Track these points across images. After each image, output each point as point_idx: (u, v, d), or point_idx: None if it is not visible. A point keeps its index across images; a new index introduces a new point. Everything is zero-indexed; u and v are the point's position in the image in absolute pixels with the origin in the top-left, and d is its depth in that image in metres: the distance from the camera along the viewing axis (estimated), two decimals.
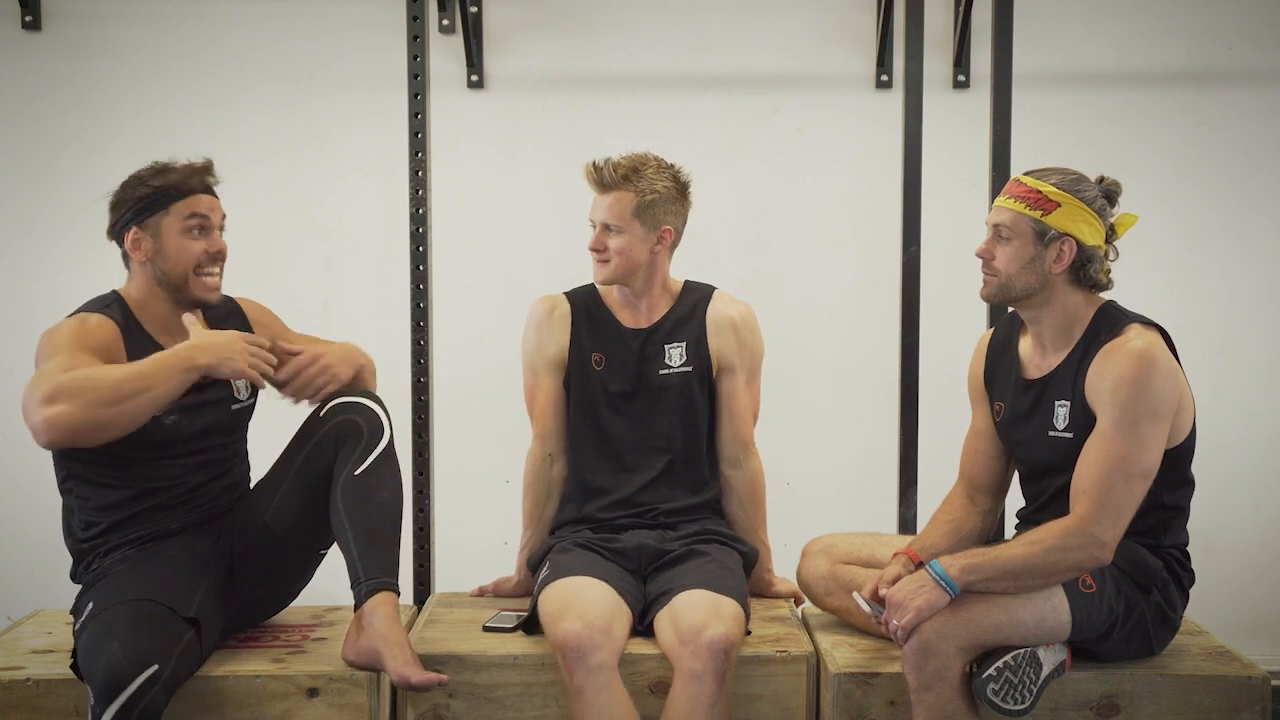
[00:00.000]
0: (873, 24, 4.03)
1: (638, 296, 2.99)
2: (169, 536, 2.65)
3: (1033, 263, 2.57)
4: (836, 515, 3.46)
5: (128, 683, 2.26)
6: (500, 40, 4.06)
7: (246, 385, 2.72)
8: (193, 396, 2.57)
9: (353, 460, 2.60)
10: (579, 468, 3.00)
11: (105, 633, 2.36)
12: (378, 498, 2.59)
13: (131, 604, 2.43)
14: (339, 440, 2.62)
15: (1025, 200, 2.57)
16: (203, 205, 2.65)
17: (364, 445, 2.61)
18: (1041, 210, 2.55)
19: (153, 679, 2.29)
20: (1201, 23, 4.03)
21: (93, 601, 2.49)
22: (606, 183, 2.91)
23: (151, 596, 2.45)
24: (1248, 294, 4.08)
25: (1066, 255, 2.56)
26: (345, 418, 2.64)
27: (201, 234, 2.64)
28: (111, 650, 2.30)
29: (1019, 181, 2.61)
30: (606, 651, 2.53)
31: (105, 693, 2.27)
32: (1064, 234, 2.56)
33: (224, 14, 4.04)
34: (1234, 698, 2.57)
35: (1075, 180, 2.59)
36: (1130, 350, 2.49)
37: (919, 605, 2.43)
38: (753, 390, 3.03)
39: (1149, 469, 2.47)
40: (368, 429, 2.62)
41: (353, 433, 2.62)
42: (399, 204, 3.43)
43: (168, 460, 2.65)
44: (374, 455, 2.61)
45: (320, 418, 2.68)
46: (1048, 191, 2.56)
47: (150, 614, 2.41)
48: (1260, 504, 4.11)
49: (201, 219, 2.64)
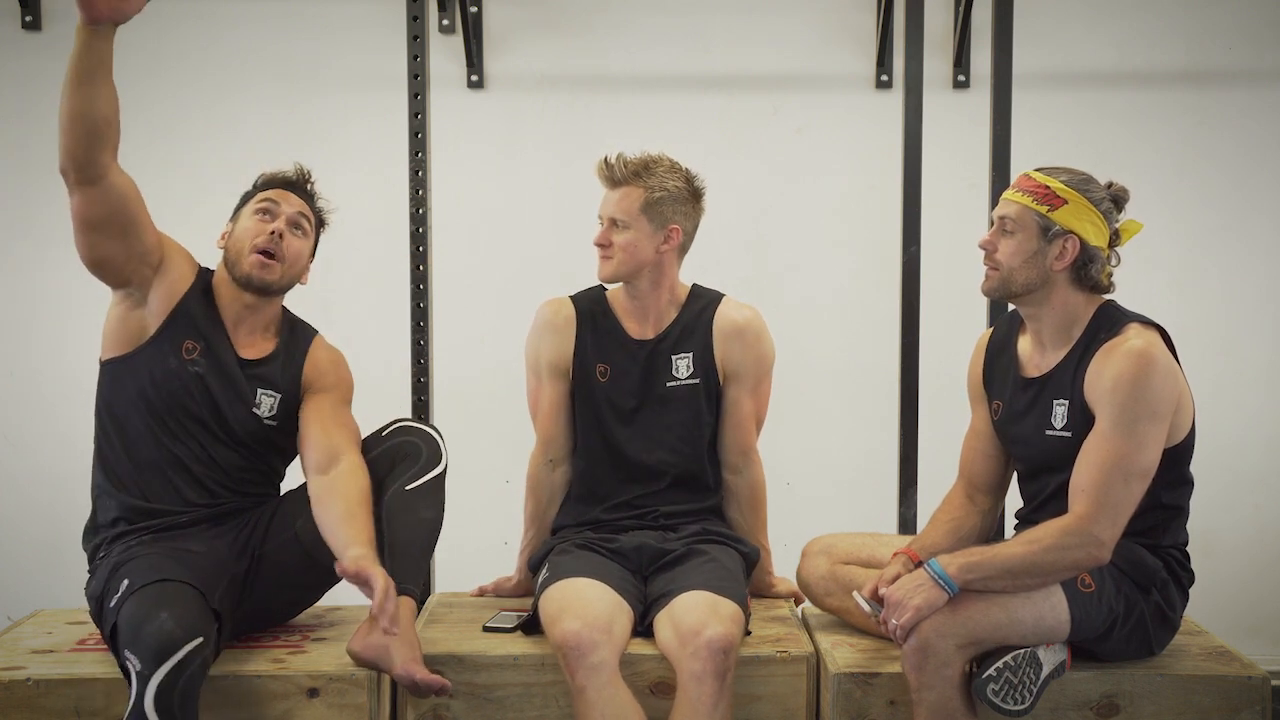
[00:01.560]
0: (873, 24, 4.03)
1: (644, 302, 2.97)
2: (185, 529, 2.66)
3: (1035, 257, 2.57)
4: (836, 515, 3.46)
5: (178, 647, 2.29)
6: (500, 40, 4.06)
7: (271, 405, 2.77)
8: (226, 355, 2.71)
9: (407, 476, 2.70)
10: (583, 474, 3.00)
11: (154, 602, 2.38)
12: (421, 515, 2.69)
13: (175, 583, 2.45)
14: (396, 459, 2.73)
15: (1033, 194, 2.57)
16: (278, 195, 2.79)
17: (421, 465, 2.72)
18: (1048, 205, 2.55)
19: (199, 649, 2.31)
20: (1201, 23, 4.03)
21: (128, 579, 2.50)
22: (617, 178, 2.91)
23: (188, 580, 2.48)
24: (1248, 294, 4.09)
25: (1069, 253, 2.56)
26: (408, 439, 2.76)
27: (268, 216, 2.76)
28: (162, 618, 2.32)
29: (1028, 176, 2.61)
30: (607, 650, 2.53)
31: (156, 656, 2.28)
32: (1068, 231, 2.56)
33: (224, 14, 4.04)
34: (1234, 698, 2.57)
35: (1084, 180, 2.59)
36: (1129, 349, 2.49)
37: (918, 604, 2.43)
38: (760, 394, 3.02)
39: (1148, 468, 2.47)
40: (427, 451, 2.74)
41: (412, 452, 2.73)
42: (399, 204, 3.43)
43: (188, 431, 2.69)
44: (429, 476, 2.72)
45: (381, 436, 2.78)
46: (1056, 187, 2.56)
47: (192, 595, 2.44)
48: (1260, 504, 4.11)
49: (270, 202, 2.77)
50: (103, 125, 2.48)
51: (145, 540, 2.64)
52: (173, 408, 2.68)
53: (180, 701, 2.28)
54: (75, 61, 2.44)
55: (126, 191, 2.58)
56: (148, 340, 2.69)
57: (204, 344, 2.71)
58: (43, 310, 4.07)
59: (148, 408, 2.67)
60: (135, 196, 2.61)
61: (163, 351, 2.68)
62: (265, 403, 2.76)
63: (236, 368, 2.74)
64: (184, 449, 2.69)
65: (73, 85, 2.44)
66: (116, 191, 2.56)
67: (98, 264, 2.63)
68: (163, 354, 2.68)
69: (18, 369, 4.08)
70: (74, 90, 2.45)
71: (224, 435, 2.73)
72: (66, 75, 2.45)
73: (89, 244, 2.59)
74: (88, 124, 2.46)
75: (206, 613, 2.43)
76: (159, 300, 2.69)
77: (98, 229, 2.57)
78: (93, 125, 2.47)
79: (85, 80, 2.44)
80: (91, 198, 2.53)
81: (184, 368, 2.69)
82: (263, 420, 2.76)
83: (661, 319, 2.99)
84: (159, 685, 2.27)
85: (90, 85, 2.44)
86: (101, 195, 2.54)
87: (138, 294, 2.69)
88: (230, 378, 2.73)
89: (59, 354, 3.99)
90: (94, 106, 2.46)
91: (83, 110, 2.45)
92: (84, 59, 2.43)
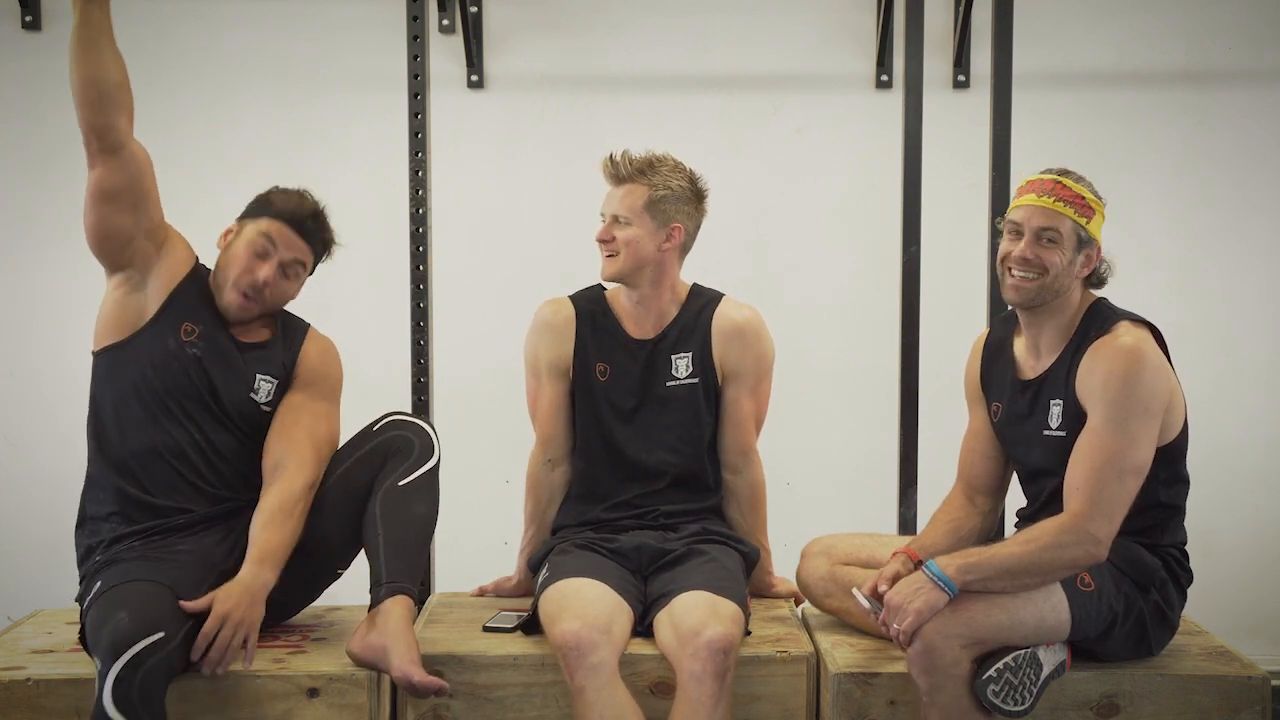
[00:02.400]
0: (873, 24, 4.03)
1: (644, 301, 2.97)
2: (178, 532, 2.66)
3: (1070, 267, 2.58)
4: (836, 515, 3.46)
5: (133, 643, 2.30)
6: (500, 40, 4.06)
7: (268, 391, 2.77)
8: (222, 339, 2.70)
9: (400, 471, 2.68)
10: (583, 474, 3.00)
11: (114, 604, 2.41)
12: (416, 510, 2.67)
13: (142, 583, 2.47)
14: (389, 453, 2.71)
15: (1073, 205, 2.56)
16: (278, 234, 2.73)
17: (414, 460, 2.70)
18: (1086, 217, 2.56)
19: (158, 644, 2.32)
20: (1201, 23, 4.03)
21: (101, 580, 2.53)
22: (621, 175, 2.91)
23: (160, 580, 2.49)
24: (1247, 294, 4.08)
25: (1092, 261, 2.58)
26: (399, 434, 2.73)
27: (261, 258, 2.72)
28: (119, 617, 2.35)
29: (1062, 185, 2.58)
30: (606, 650, 2.53)
31: (112, 651, 2.30)
32: (1094, 240, 2.57)
33: (224, 14, 4.04)
34: (1234, 698, 2.57)
35: (1092, 185, 2.60)
36: (1119, 347, 2.49)
37: (918, 607, 2.42)
38: (760, 394, 3.02)
39: (1141, 465, 2.47)
40: (419, 445, 2.72)
41: (404, 447, 2.71)
42: (399, 204, 3.43)
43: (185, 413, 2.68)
44: (421, 470, 2.70)
45: (372, 431, 2.76)
46: (1090, 199, 2.57)
47: (159, 594, 2.45)
48: (1260, 504, 4.11)
49: (268, 241, 2.72)
50: (114, 89, 2.54)
51: (135, 545, 2.63)
52: (171, 389, 2.67)
53: (141, 697, 2.29)
54: (77, 31, 2.51)
55: (143, 163, 2.64)
56: (146, 324, 2.69)
57: (202, 326, 2.71)
58: (43, 310, 4.06)
59: (147, 391, 2.67)
60: (150, 170, 2.66)
61: (161, 333, 2.68)
62: (263, 388, 2.76)
63: (235, 351, 2.74)
64: (183, 433, 2.68)
65: (79, 53, 2.52)
66: (136, 161, 2.61)
67: (107, 236, 2.64)
68: (161, 336, 2.68)
69: (18, 369, 4.08)
70: (81, 58, 2.52)
71: (222, 417, 2.72)
72: (71, 48, 2.53)
73: (102, 216, 2.62)
74: (100, 87, 2.53)
75: (174, 611, 2.43)
76: (158, 281, 2.70)
77: (114, 199, 2.60)
78: (105, 89, 2.53)
79: (90, 46, 2.51)
80: (112, 167, 2.58)
81: (183, 349, 2.69)
82: (260, 405, 2.75)
83: (661, 319, 2.99)
84: (115, 680, 2.29)
85: (96, 50, 2.52)
86: (122, 164, 2.58)
87: (137, 276, 2.69)
88: (229, 360, 2.73)
89: (59, 354, 3.99)
90: (103, 70, 2.52)
91: (92, 75, 2.52)
92: (84, 28, 2.51)
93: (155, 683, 2.32)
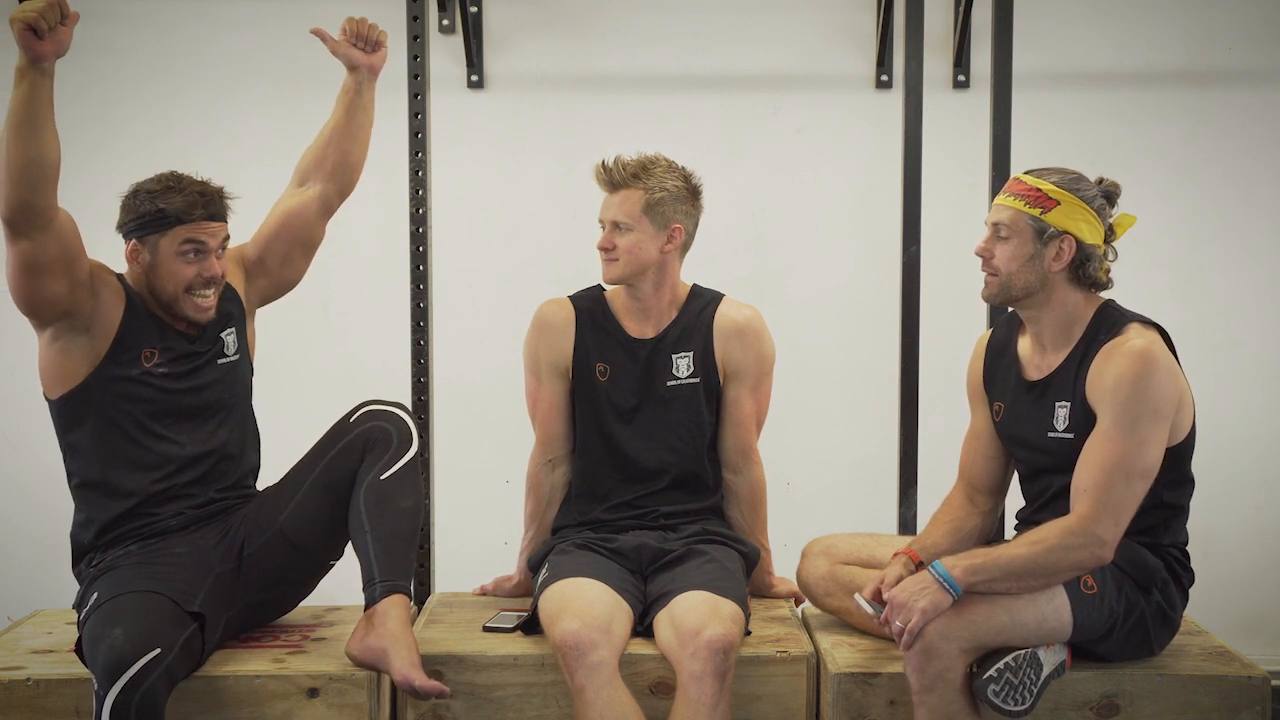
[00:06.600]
0: (873, 24, 4.03)
1: (645, 302, 2.97)
2: (173, 533, 2.66)
3: (1032, 261, 2.57)
4: (836, 515, 3.46)
5: (130, 664, 2.29)
6: (500, 40, 4.06)
7: (234, 341, 2.75)
8: (181, 346, 2.68)
9: (380, 465, 2.64)
10: (584, 474, 3.00)
11: (109, 620, 2.39)
12: (400, 504, 2.63)
13: (137, 594, 2.46)
14: (367, 446, 2.66)
15: (1025, 198, 2.57)
16: (201, 232, 2.65)
17: (393, 452, 2.65)
18: (1041, 208, 2.56)
19: (155, 662, 2.32)
20: (1201, 23, 4.03)
21: (97, 592, 2.52)
22: (616, 181, 2.91)
23: (156, 589, 2.48)
24: (1248, 294, 4.08)
25: (1066, 253, 2.57)
26: (376, 424, 2.68)
27: (196, 257, 2.66)
28: (115, 635, 2.34)
29: (1019, 180, 2.62)
30: (606, 650, 2.53)
31: (108, 674, 2.29)
32: (1063, 232, 2.56)
33: (224, 14, 4.04)
34: (1234, 698, 2.57)
35: (1075, 179, 2.59)
36: (1130, 349, 2.49)
37: (923, 607, 2.42)
38: (760, 394, 3.02)
39: (1150, 468, 2.47)
40: (398, 436, 2.67)
41: (382, 438, 2.66)
42: (399, 204, 3.43)
43: (167, 427, 2.67)
44: (401, 462, 2.65)
45: (350, 423, 2.71)
46: (1047, 189, 2.56)
47: (155, 604, 2.44)
48: (1260, 504, 4.11)
49: (197, 244, 2.65)
50: (53, 169, 2.42)
51: (131, 550, 2.63)
52: (151, 412, 2.66)
53: (139, 715, 2.29)
54: (22, 106, 2.35)
55: (71, 225, 2.53)
56: (101, 361, 2.63)
57: (160, 345, 2.68)
58: None
59: (127, 420, 2.64)
60: (75, 227, 2.55)
61: (122, 366, 2.64)
62: (229, 343, 2.76)
63: (192, 346, 2.71)
64: (169, 446, 2.68)
65: (22, 132, 2.36)
66: (66, 228, 2.51)
67: (43, 304, 2.55)
68: (123, 368, 2.64)
69: (18, 369, 4.07)
70: (24, 137, 2.36)
71: (206, 414, 2.71)
72: (8, 124, 2.36)
73: (35, 287, 2.52)
74: (42, 170, 2.40)
75: (171, 620, 2.42)
76: (102, 322, 2.64)
77: (48, 270, 2.51)
78: (48, 170, 2.41)
79: (38, 124, 2.37)
80: (42, 241, 2.47)
81: (148, 375, 2.65)
82: (232, 359, 2.75)
83: (662, 318, 2.99)
84: (114, 703, 2.29)
85: (43, 128, 2.38)
86: (54, 235, 2.48)
87: (80, 322, 2.62)
88: (192, 357, 2.70)
89: None
90: (47, 151, 2.40)
91: (36, 157, 2.38)
92: (31, 102, 2.35)
93: (155, 699, 2.32)
